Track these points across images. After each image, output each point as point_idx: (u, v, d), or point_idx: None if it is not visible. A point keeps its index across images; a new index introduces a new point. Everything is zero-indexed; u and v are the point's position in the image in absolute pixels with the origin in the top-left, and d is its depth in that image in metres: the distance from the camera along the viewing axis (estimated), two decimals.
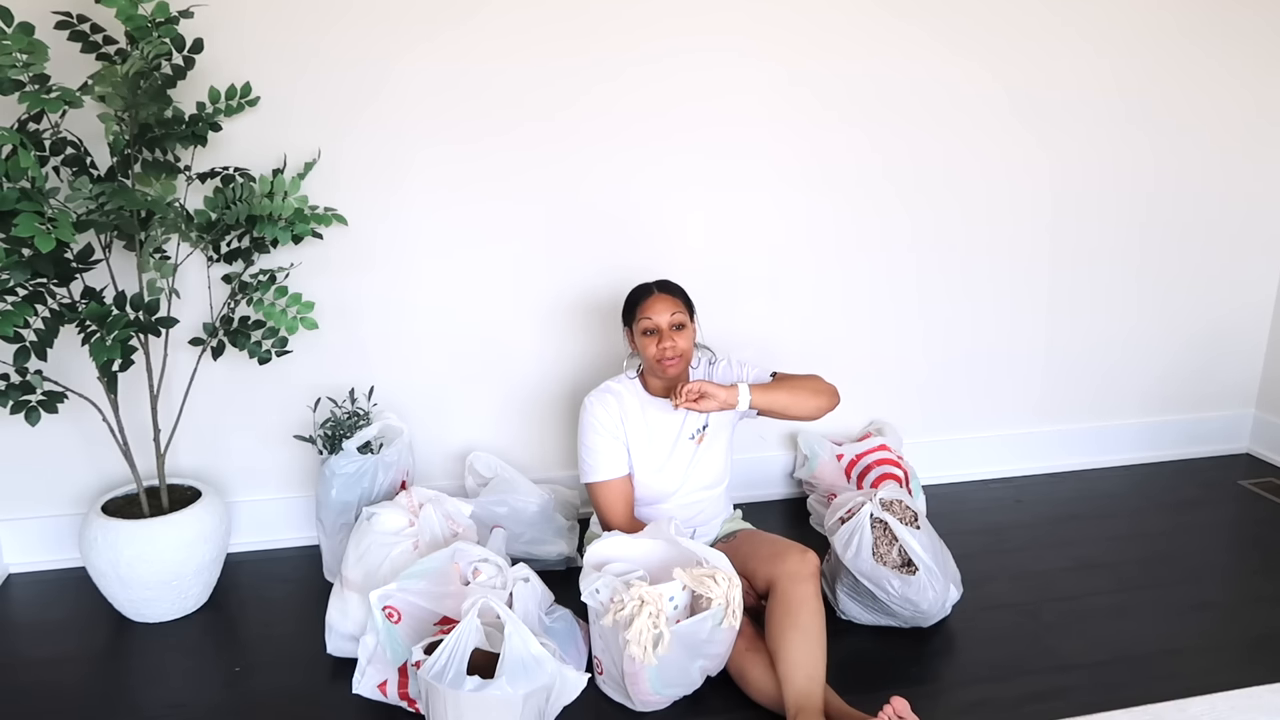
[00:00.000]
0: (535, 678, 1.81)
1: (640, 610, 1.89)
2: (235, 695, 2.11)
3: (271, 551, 2.73)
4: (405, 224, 2.61)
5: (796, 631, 1.99)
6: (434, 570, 2.02)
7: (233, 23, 2.35)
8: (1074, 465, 3.30)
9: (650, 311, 2.25)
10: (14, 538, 2.60)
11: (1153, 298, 3.22)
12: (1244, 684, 1.80)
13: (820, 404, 2.28)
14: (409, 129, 2.54)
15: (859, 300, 2.98)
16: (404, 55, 2.48)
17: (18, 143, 1.92)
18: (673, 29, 2.61)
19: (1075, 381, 3.24)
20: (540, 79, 2.57)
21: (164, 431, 2.39)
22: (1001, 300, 3.09)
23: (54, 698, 2.10)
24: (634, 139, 2.67)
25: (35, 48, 1.95)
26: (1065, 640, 2.31)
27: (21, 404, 2.10)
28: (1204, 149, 3.10)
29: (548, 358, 2.81)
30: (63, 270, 2.10)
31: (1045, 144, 2.96)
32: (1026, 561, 2.69)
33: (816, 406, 2.28)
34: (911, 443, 3.01)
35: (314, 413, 2.56)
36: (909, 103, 2.81)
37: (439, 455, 2.80)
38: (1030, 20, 2.83)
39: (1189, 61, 2.99)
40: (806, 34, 2.69)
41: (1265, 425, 3.40)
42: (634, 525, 2.27)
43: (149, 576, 2.30)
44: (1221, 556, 2.76)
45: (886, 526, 2.28)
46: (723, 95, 2.69)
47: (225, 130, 2.33)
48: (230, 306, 2.40)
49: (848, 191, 2.86)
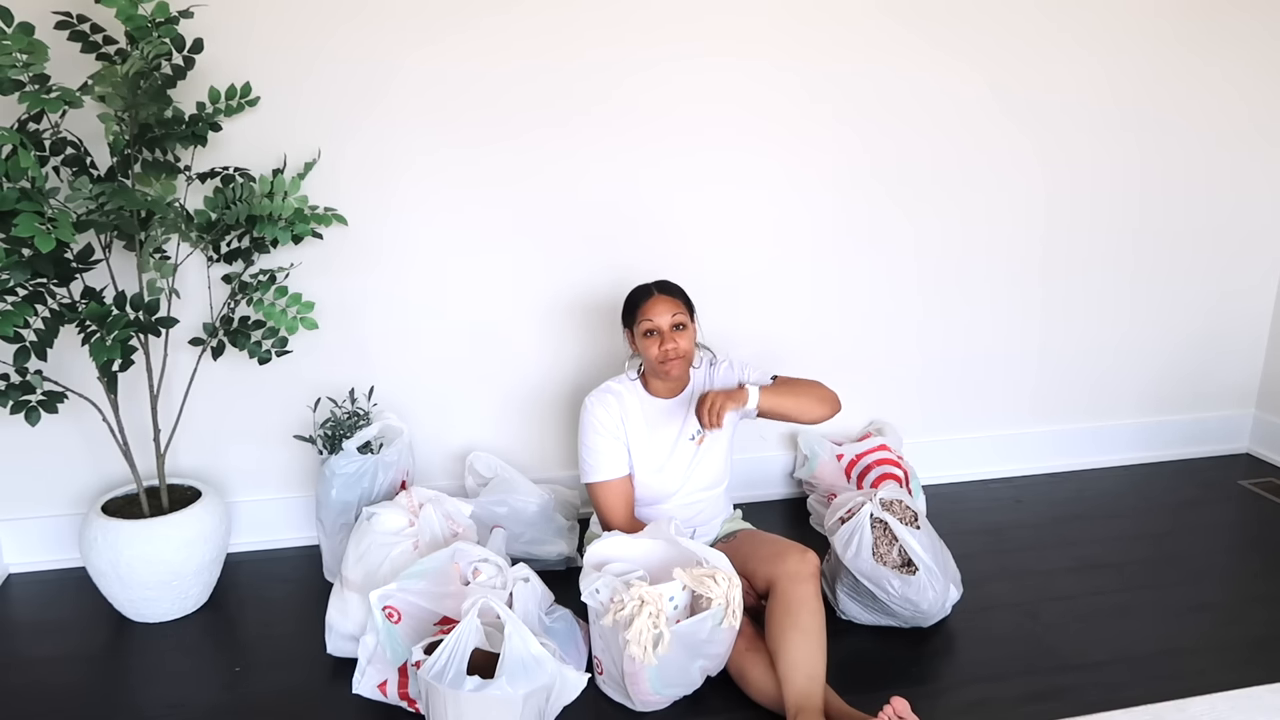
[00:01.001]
0: (535, 678, 1.81)
1: (640, 610, 1.89)
2: (235, 695, 2.11)
3: (271, 551, 2.73)
4: (405, 224, 2.61)
5: (796, 631, 1.99)
6: (434, 570, 2.02)
7: (233, 23, 2.35)
8: (1074, 465, 3.30)
9: (651, 313, 2.25)
10: (14, 538, 2.60)
11: (1153, 297, 3.22)
12: (1244, 684, 1.79)
13: (823, 411, 2.29)
14: (409, 129, 2.54)
15: (859, 300, 2.98)
16: (404, 56, 2.48)
17: (18, 143, 1.92)
18: (673, 35, 2.61)
19: (1075, 381, 3.24)
20: (540, 80, 2.57)
21: (164, 431, 2.39)
22: (1001, 300, 3.09)
23: (54, 698, 2.10)
24: (634, 140, 2.67)
25: (35, 48, 1.95)
26: (1065, 640, 2.31)
27: (21, 404, 2.10)
28: (1202, 151, 3.09)
29: (548, 358, 2.81)
30: (63, 270, 2.10)
31: (1046, 146, 2.95)
32: (1026, 561, 2.69)
33: (820, 414, 2.29)
34: (911, 443, 3.01)
35: (314, 413, 2.56)
36: (908, 107, 2.81)
37: (439, 455, 2.80)
38: (1026, 25, 2.83)
39: (1183, 66, 2.99)
40: (813, 39, 2.69)
41: (1265, 425, 3.40)
42: (634, 525, 2.27)
43: (149, 576, 2.30)
44: (1222, 557, 2.76)
45: (886, 526, 2.28)
46: (722, 97, 2.69)
47: (225, 130, 2.33)
48: (230, 306, 2.40)
49: (848, 193, 2.86)
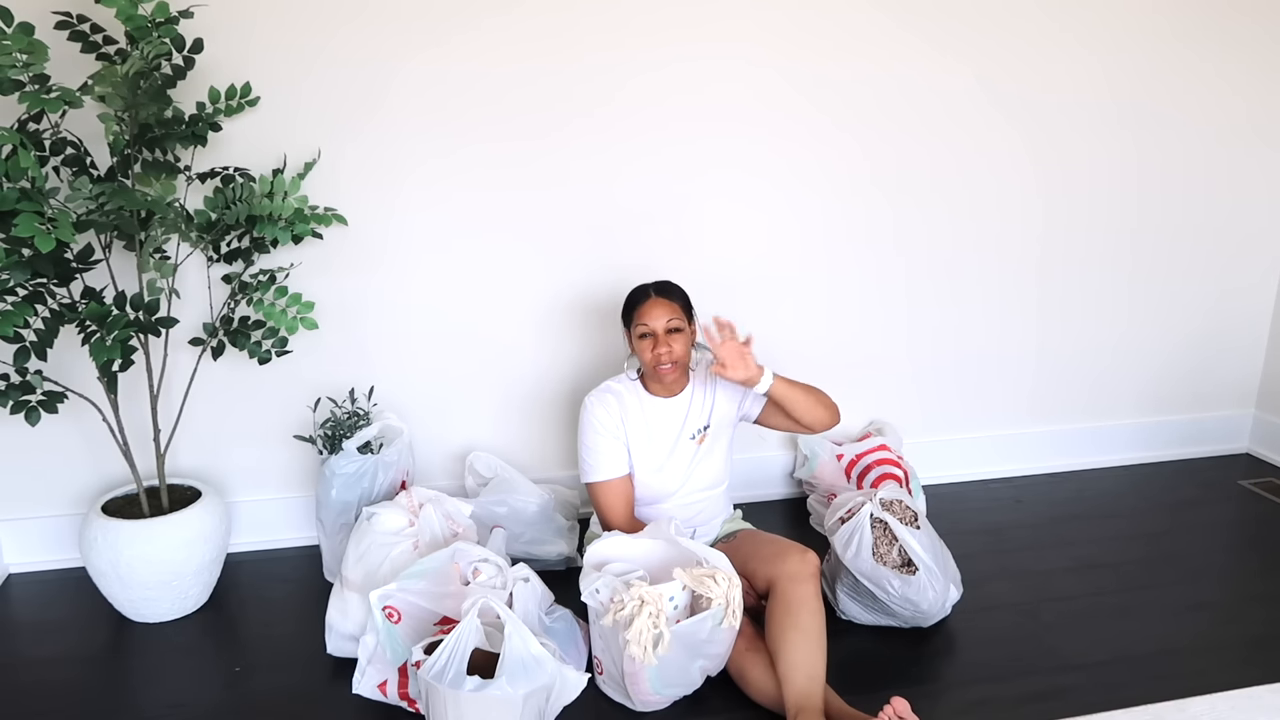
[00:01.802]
0: (535, 678, 1.81)
1: (640, 610, 1.89)
2: (235, 695, 2.11)
3: (271, 551, 2.73)
4: (405, 224, 2.61)
5: (796, 632, 1.99)
6: (434, 570, 2.02)
7: (233, 23, 2.35)
8: (1074, 465, 3.30)
9: (646, 317, 2.25)
10: (14, 538, 2.60)
11: (1151, 297, 3.22)
12: (1244, 684, 1.79)
13: (826, 416, 2.30)
14: (409, 129, 2.54)
15: (859, 299, 2.98)
16: (405, 58, 2.48)
17: (18, 143, 1.92)
18: (673, 37, 2.61)
19: (1075, 382, 3.24)
20: (540, 82, 2.57)
21: (164, 431, 2.39)
22: (1001, 300, 3.09)
23: (54, 698, 2.10)
24: (635, 142, 2.67)
25: (35, 48, 1.95)
26: (1065, 640, 2.31)
27: (21, 404, 2.10)
28: (1201, 149, 3.09)
29: (547, 357, 2.80)
30: (63, 270, 2.10)
31: (1049, 144, 2.95)
32: (1026, 561, 2.69)
33: (822, 418, 2.30)
34: (911, 443, 3.01)
35: (314, 413, 2.57)
36: (906, 107, 2.81)
37: (439, 455, 2.80)
38: (1023, 24, 2.83)
39: (1181, 65, 2.99)
40: (809, 38, 2.69)
41: (1265, 425, 3.40)
42: (634, 525, 2.27)
43: (149, 576, 2.30)
44: (1221, 556, 2.76)
45: (886, 526, 2.28)
46: (722, 99, 2.69)
47: (225, 130, 2.33)
48: (230, 306, 2.40)
49: (849, 193, 2.86)
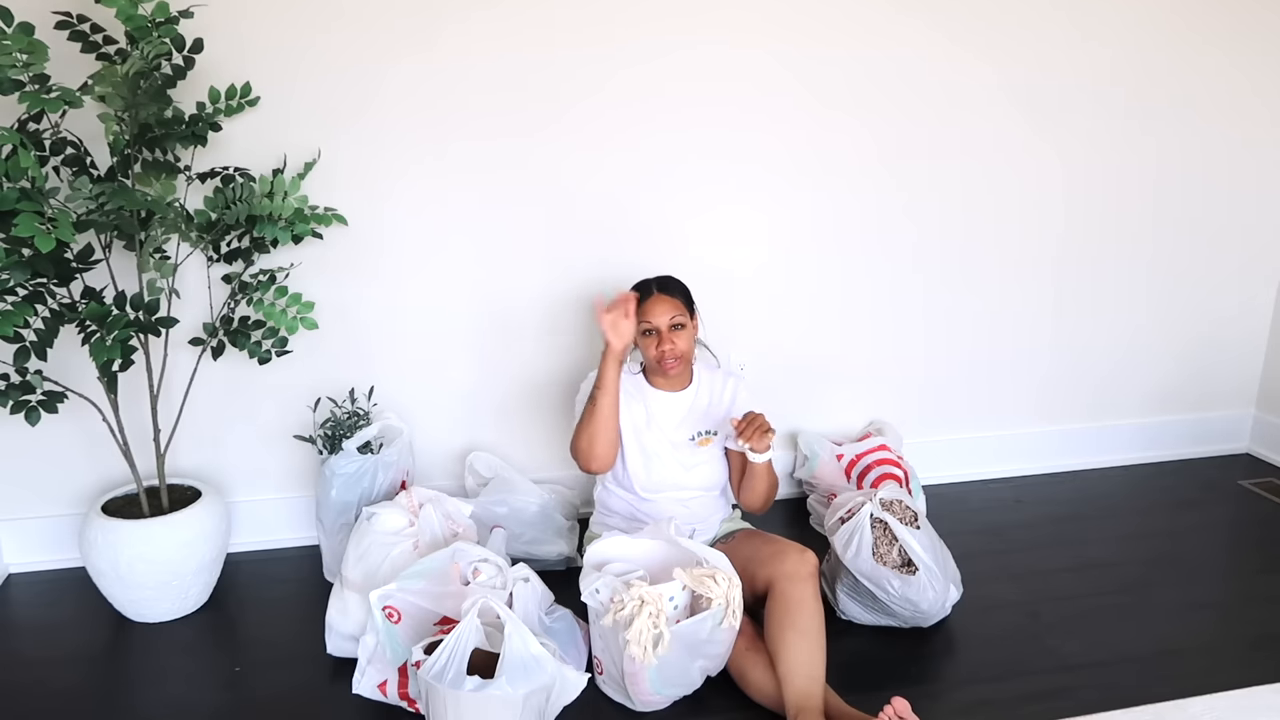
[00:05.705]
0: (535, 678, 1.81)
1: (640, 610, 1.89)
2: (235, 695, 2.11)
3: (271, 551, 2.73)
4: (405, 224, 2.61)
5: (796, 632, 1.99)
6: (434, 570, 2.01)
7: (232, 23, 2.35)
8: (1074, 465, 3.30)
9: (649, 313, 2.25)
10: (14, 538, 2.60)
11: (1152, 299, 3.22)
12: (1244, 684, 1.79)
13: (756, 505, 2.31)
14: (409, 128, 2.53)
15: (859, 299, 2.98)
16: (402, 56, 2.48)
17: (18, 143, 1.92)
18: (671, 27, 2.60)
19: (1075, 381, 3.24)
20: (541, 79, 2.57)
21: (164, 431, 2.39)
22: (1001, 300, 3.09)
23: (54, 698, 2.10)
24: (634, 140, 2.67)
25: (35, 48, 1.95)
26: (1065, 640, 2.31)
27: (21, 404, 2.10)
28: (1210, 147, 3.09)
29: (548, 357, 2.80)
30: (63, 270, 2.10)
31: (1049, 142, 2.95)
32: (1026, 561, 2.69)
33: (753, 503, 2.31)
34: (911, 443, 3.01)
35: (314, 413, 2.56)
36: (913, 99, 2.81)
37: (439, 455, 2.80)
38: (1036, 14, 2.82)
39: (1198, 57, 2.98)
40: (815, 27, 2.68)
41: (1265, 425, 3.40)
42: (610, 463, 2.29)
43: (149, 576, 2.30)
44: (1221, 556, 2.76)
45: (886, 526, 2.27)
46: (723, 92, 2.69)
47: (225, 130, 2.33)
48: (230, 306, 2.40)
49: (849, 190, 2.86)
